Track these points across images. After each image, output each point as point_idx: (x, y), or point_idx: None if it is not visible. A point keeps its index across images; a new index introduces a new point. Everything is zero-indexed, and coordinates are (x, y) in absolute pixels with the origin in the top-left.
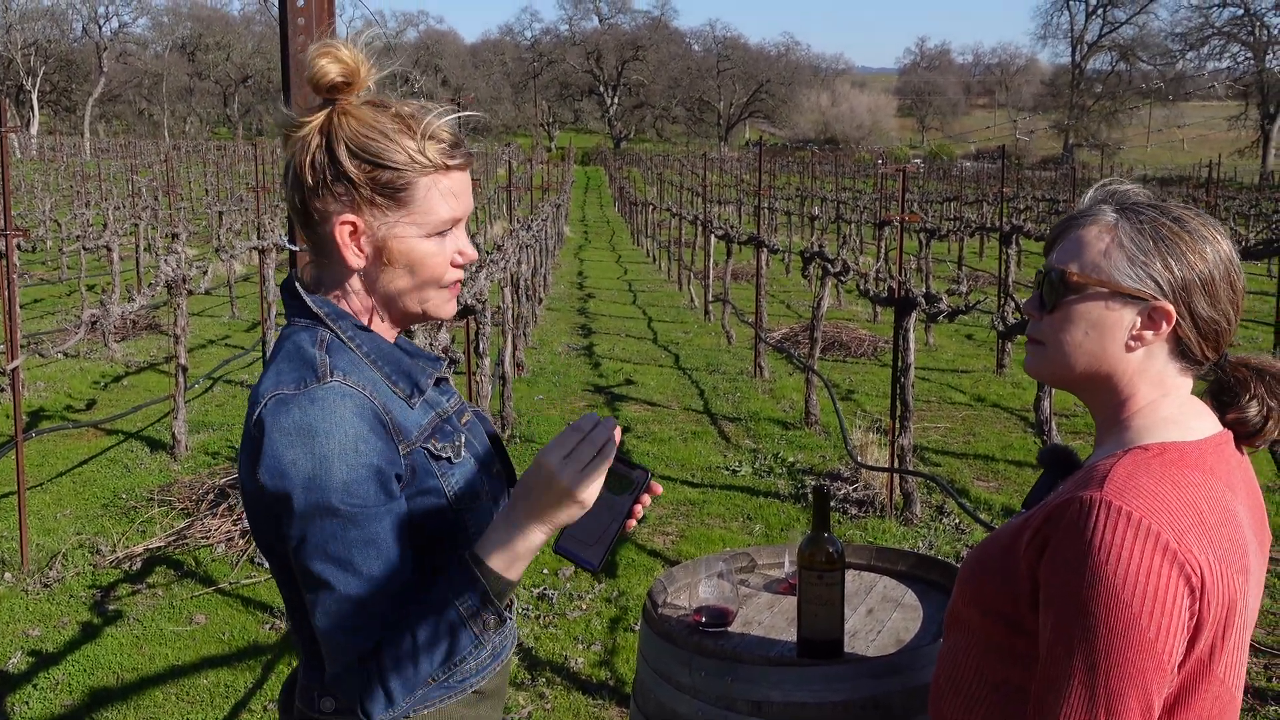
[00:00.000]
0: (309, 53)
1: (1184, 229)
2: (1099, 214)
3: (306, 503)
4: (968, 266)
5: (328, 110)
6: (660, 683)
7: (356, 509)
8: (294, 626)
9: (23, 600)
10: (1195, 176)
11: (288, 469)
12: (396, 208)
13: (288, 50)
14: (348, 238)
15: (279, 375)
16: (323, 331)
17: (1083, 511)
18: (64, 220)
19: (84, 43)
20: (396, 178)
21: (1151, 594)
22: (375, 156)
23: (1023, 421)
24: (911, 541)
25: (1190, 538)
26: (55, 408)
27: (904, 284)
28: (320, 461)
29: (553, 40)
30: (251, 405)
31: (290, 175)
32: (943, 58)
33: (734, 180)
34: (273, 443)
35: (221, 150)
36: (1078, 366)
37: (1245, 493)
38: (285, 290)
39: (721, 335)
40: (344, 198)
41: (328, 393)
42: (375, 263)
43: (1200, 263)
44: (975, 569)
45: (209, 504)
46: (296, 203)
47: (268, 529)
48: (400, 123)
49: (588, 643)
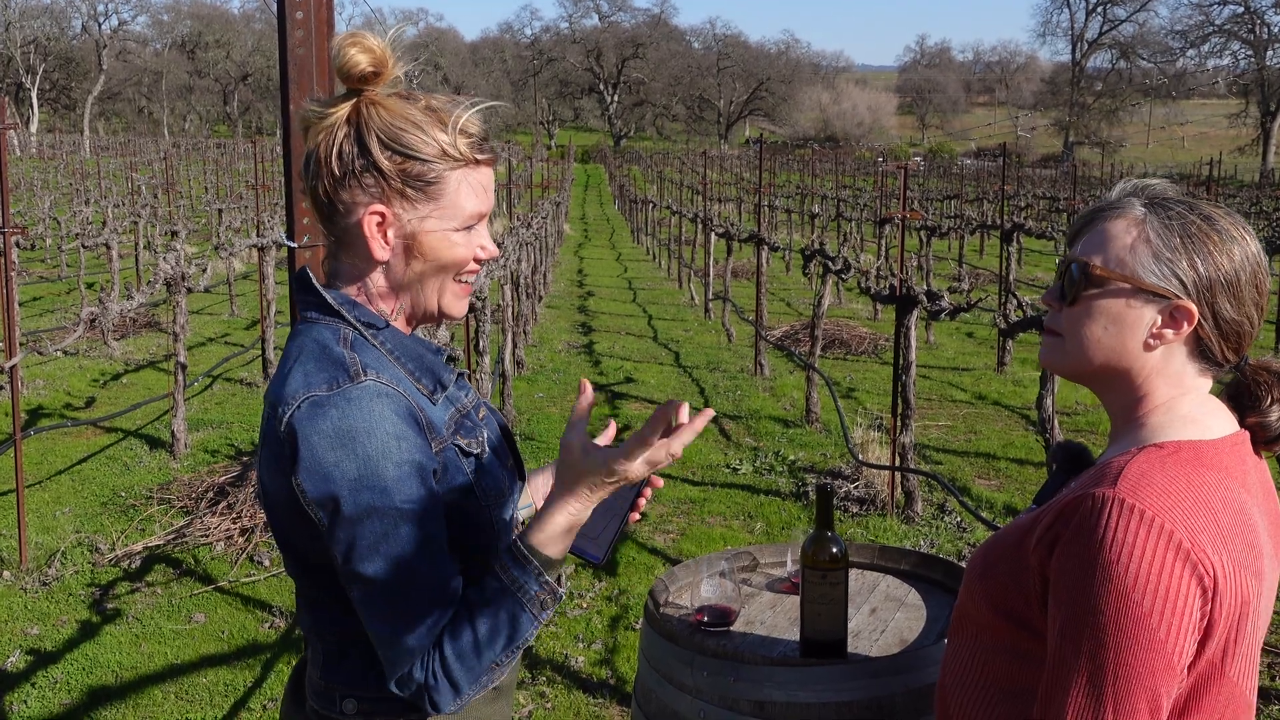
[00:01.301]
0: (336, 42)
1: (1213, 228)
2: (1127, 207)
3: (356, 505)
4: (968, 264)
5: (354, 100)
6: (662, 683)
7: (407, 506)
8: (312, 622)
9: (21, 598)
10: (1196, 174)
11: (332, 472)
12: (426, 200)
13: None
14: (375, 229)
15: (307, 376)
16: (345, 328)
17: (1095, 508)
18: (63, 218)
19: (84, 40)
20: (428, 170)
21: (1163, 593)
22: (408, 148)
23: (1024, 419)
24: (913, 540)
25: (1204, 538)
26: (54, 405)
27: (905, 281)
28: (365, 462)
29: (552, 38)
30: (275, 407)
31: (314, 165)
32: (943, 55)
33: (734, 178)
34: (312, 447)
35: (221, 148)
36: (1095, 361)
37: (1262, 495)
38: (300, 284)
39: (722, 333)
40: (373, 189)
41: (363, 392)
42: (401, 256)
43: (1227, 263)
44: (984, 567)
45: (208, 502)
46: (320, 194)
47: (297, 530)
48: (431, 115)
49: (588, 641)
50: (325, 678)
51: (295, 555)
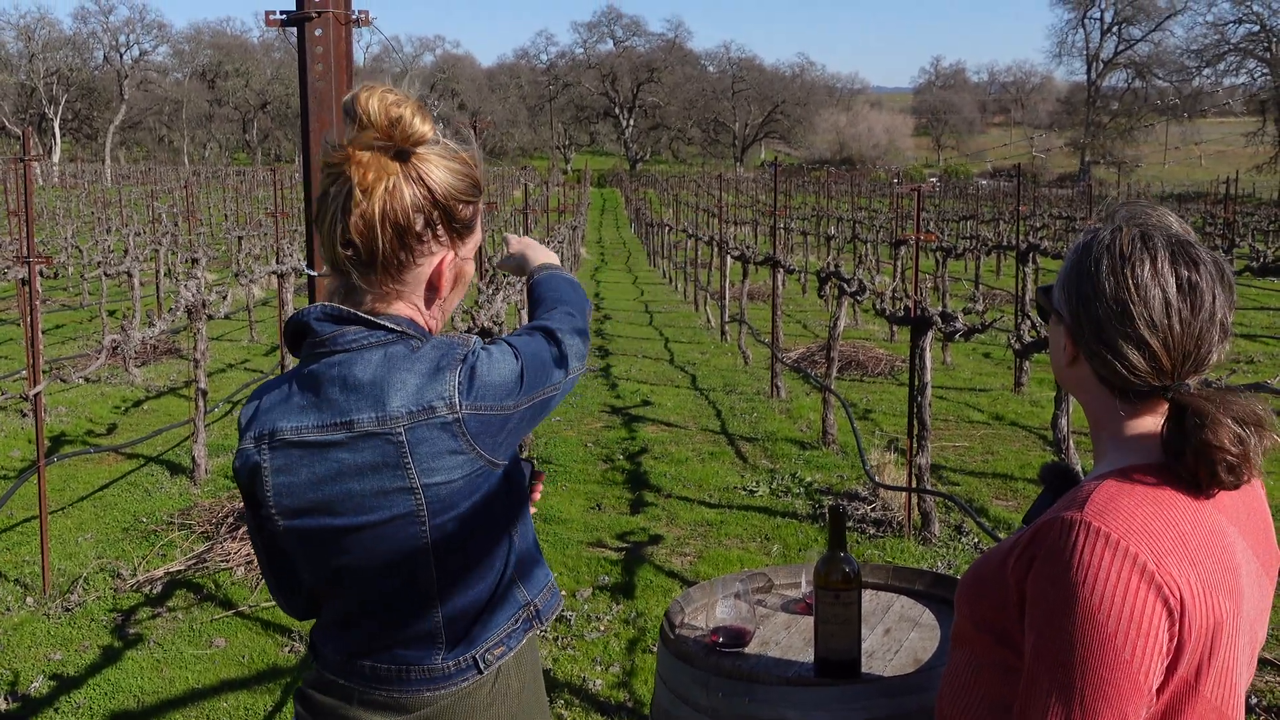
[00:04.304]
0: (375, 104)
1: (1110, 256)
2: (1088, 232)
3: (519, 358)
4: (984, 285)
5: (406, 157)
6: (678, 703)
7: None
8: (449, 615)
9: (44, 624)
10: (1214, 193)
11: (506, 367)
12: (469, 236)
13: (306, 82)
14: (449, 272)
15: (422, 375)
16: (412, 341)
17: (1063, 532)
18: (85, 246)
19: (105, 71)
20: (475, 213)
21: (1127, 615)
22: (465, 195)
23: (1041, 439)
24: (930, 561)
25: (1170, 559)
26: (76, 432)
27: (920, 303)
28: (503, 346)
29: (568, 63)
30: (395, 419)
31: (376, 223)
32: (958, 77)
33: (750, 200)
34: (487, 379)
35: (241, 176)
36: (1057, 378)
37: (1243, 514)
38: (343, 320)
39: (738, 355)
40: (444, 238)
41: (480, 347)
42: (449, 285)
43: (1108, 294)
44: (973, 585)
45: (229, 527)
46: (391, 248)
47: (485, 503)
48: (459, 159)
49: (606, 664)
50: (462, 653)
51: (450, 540)
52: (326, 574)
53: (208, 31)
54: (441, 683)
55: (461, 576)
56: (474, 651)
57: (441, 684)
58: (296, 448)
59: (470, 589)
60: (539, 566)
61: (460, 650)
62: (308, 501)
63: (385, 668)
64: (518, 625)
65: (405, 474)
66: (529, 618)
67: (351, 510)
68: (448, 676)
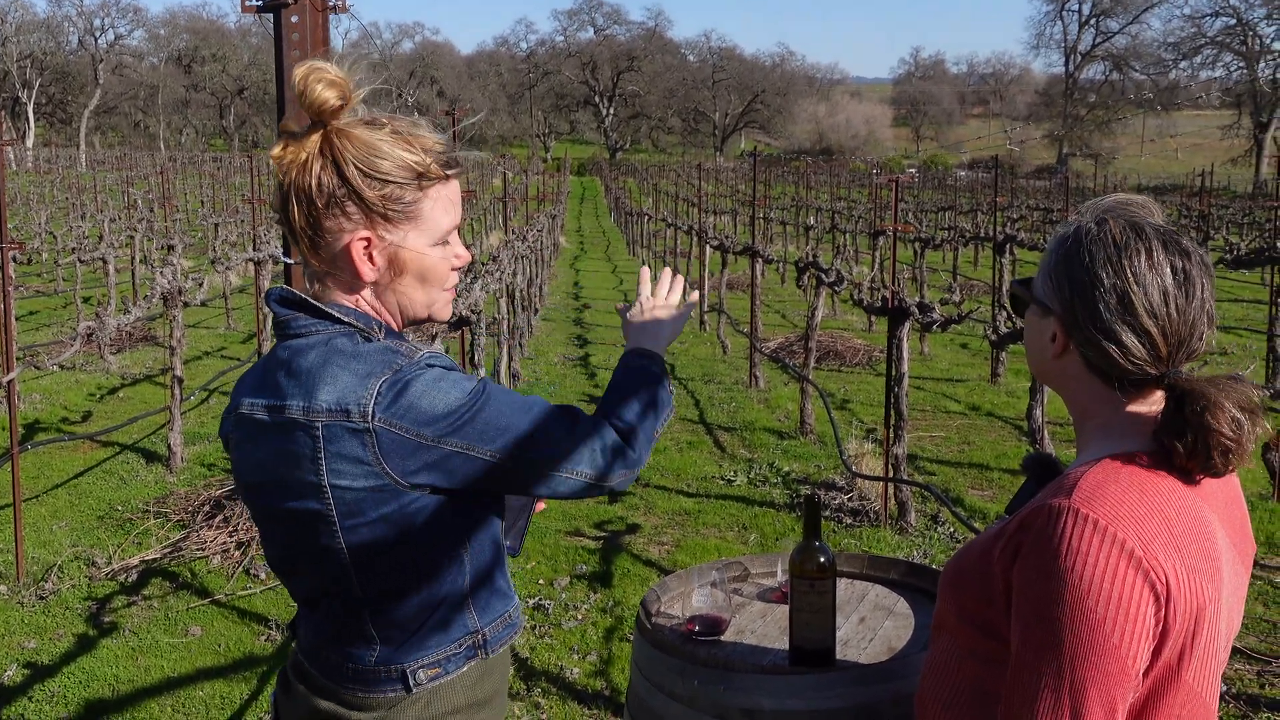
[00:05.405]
0: (298, 76)
1: (1099, 248)
2: (1067, 225)
3: (474, 401)
4: (962, 276)
5: (322, 131)
6: (654, 692)
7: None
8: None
9: (18, 613)
10: (1189, 185)
11: (438, 404)
12: (406, 221)
13: (282, 68)
14: (362, 253)
15: (358, 375)
16: (357, 335)
17: (1050, 518)
18: (59, 232)
19: (80, 55)
20: (405, 193)
21: (1115, 599)
22: (385, 175)
23: (1017, 430)
24: (906, 550)
25: (1156, 545)
26: (51, 420)
27: (898, 294)
28: (464, 380)
29: (548, 51)
30: (332, 412)
31: (292, 196)
32: (937, 68)
33: (729, 190)
34: (414, 408)
35: (217, 162)
36: (1034, 370)
37: (1224, 502)
38: (291, 303)
39: (717, 345)
40: (356, 216)
41: (430, 364)
42: (387, 272)
43: (1099, 283)
44: (955, 575)
45: (205, 516)
46: (302, 224)
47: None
48: (400, 140)
49: (583, 653)
50: (390, 662)
51: (368, 548)
52: (277, 553)
53: (184, 16)
54: (371, 686)
55: (386, 586)
56: (403, 664)
57: (372, 688)
58: (249, 424)
59: (401, 600)
60: (500, 597)
61: (388, 657)
62: (255, 479)
63: (335, 660)
64: (459, 651)
65: (316, 469)
66: (474, 645)
67: (281, 495)
68: (376, 682)
